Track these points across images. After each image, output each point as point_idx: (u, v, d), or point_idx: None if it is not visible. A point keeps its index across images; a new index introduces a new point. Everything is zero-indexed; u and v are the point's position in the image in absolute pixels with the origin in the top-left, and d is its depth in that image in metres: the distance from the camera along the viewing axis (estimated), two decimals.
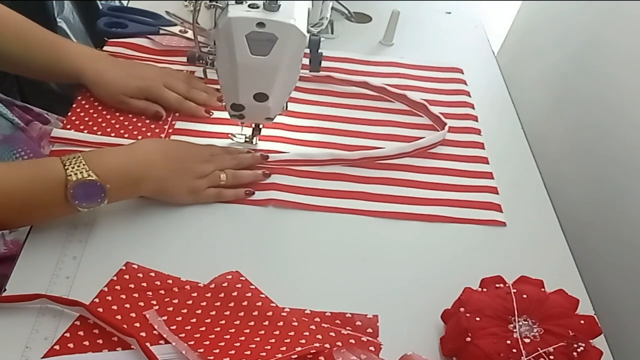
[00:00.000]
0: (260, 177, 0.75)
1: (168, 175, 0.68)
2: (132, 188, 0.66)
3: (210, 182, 0.71)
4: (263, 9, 0.63)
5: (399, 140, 0.85)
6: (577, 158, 0.97)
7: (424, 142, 0.83)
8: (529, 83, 1.17)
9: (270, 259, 0.68)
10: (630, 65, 0.87)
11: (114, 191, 0.62)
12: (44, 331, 0.57)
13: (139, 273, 0.63)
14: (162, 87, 0.82)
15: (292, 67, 0.68)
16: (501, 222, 0.75)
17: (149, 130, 0.81)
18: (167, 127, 0.81)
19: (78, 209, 0.61)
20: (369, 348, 0.59)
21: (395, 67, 0.99)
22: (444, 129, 0.86)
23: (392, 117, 0.90)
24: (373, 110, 0.90)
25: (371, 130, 0.86)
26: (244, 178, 0.74)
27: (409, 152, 0.82)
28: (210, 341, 0.57)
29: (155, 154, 0.67)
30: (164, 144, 0.72)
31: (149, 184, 0.66)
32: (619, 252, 0.83)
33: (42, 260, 0.63)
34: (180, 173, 0.69)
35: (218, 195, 0.72)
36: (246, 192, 0.73)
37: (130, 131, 0.80)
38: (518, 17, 1.28)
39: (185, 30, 0.96)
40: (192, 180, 0.70)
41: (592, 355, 0.55)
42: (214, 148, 0.75)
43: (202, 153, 0.73)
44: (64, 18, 1.19)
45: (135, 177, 0.65)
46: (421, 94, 0.93)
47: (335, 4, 1.06)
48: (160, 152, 0.68)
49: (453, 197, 0.78)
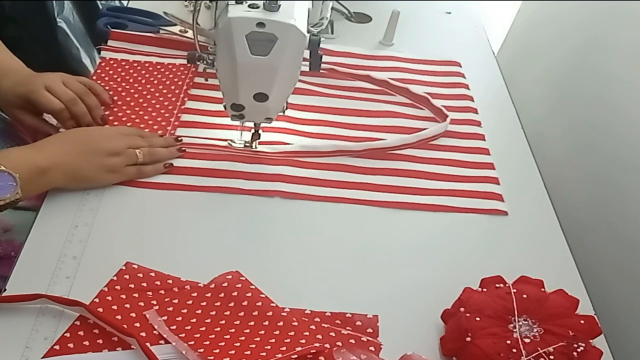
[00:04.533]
0: (175, 153, 0.76)
1: (74, 160, 0.69)
2: (41, 178, 0.66)
3: (127, 160, 0.72)
4: (263, 9, 0.63)
5: (401, 132, 0.86)
6: (577, 157, 0.97)
7: (427, 133, 0.85)
8: (529, 83, 1.17)
9: (271, 259, 0.68)
10: (630, 65, 0.87)
11: (24, 182, 0.63)
12: (44, 331, 0.57)
13: (139, 273, 0.63)
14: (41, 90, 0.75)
15: (292, 67, 0.68)
16: (503, 212, 0.77)
17: (155, 122, 0.81)
18: (173, 120, 0.82)
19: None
20: (369, 348, 0.59)
21: (395, 62, 1.00)
22: (445, 121, 0.87)
23: (394, 108, 0.91)
24: (375, 102, 0.92)
25: (373, 123, 0.88)
26: (160, 154, 0.75)
27: (412, 143, 0.84)
28: (210, 341, 0.57)
29: (58, 144, 0.69)
30: (67, 134, 0.73)
31: (57, 172, 0.67)
32: (619, 252, 0.82)
33: (42, 260, 0.63)
34: (88, 155, 0.69)
35: (138, 172, 0.73)
36: (165, 166, 0.74)
37: (137, 125, 0.81)
38: (518, 17, 1.28)
39: (185, 30, 0.96)
40: (104, 158, 0.70)
41: (592, 355, 0.55)
42: (123, 127, 0.76)
43: (108, 132, 0.74)
44: (64, 18, 1.19)
45: (41, 167, 0.65)
46: (421, 87, 0.95)
47: (335, 4, 1.06)
48: (62, 140, 0.69)
49: (455, 187, 0.79)
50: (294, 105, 0.86)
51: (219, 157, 0.78)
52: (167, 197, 0.73)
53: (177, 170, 0.75)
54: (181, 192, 0.73)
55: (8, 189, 0.62)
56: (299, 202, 0.75)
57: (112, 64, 0.90)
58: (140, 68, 0.90)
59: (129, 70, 0.90)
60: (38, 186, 0.66)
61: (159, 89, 0.87)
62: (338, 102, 0.91)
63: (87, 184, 0.71)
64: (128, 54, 0.93)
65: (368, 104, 0.91)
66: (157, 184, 0.74)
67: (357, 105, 0.91)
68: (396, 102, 0.92)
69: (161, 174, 0.75)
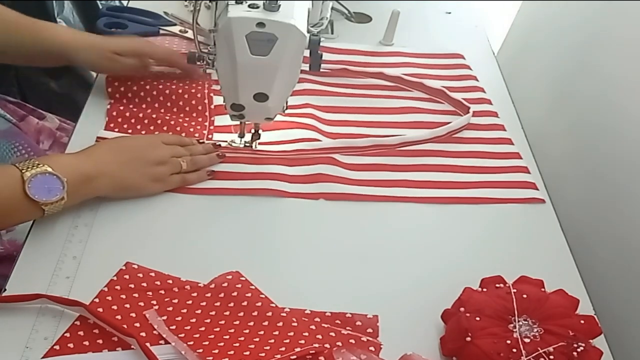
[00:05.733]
0: (215, 159, 0.77)
1: (121, 169, 0.69)
2: (88, 185, 0.66)
3: (172, 169, 0.73)
4: (263, 9, 0.63)
5: (421, 127, 0.86)
6: (577, 157, 0.97)
7: (455, 125, 0.85)
8: (529, 83, 1.17)
9: (271, 259, 0.68)
10: (630, 64, 0.87)
11: (71, 187, 0.63)
12: (44, 331, 0.57)
13: (139, 273, 0.63)
14: (153, 44, 0.83)
15: (292, 67, 0.68)
16: (540, 200, 0.77)
17: (190, 126, 0.81)
18: (208, 124, 0.83)
19: (41, 207, 0.61)
20: (369, 348, 0.59)
21: (400, 57, 1.01)
22: (466, 112, 0.87)
23: (410, 103, 0.91)
24: (391, 98, 0.92)
25: (391, 119, 0.88)
26: (202, 162, 0.76)
27: (441, 136, 0.85)
28: (210, 341, 0.57)
29: (107, 152, 0.69)
30: (113, 141, 0.73)
31: (103, 180, 0.67)
32: (619, 252, 0.82)
33: (42, 260, 0.63)
34: (134, 164, 0.70)
35: (183, 181, 0.74)
36: (208, 173, 0.75)
37: (172, 127, 0.80)
38: (518, 17, 1.28)
39: (185, 30, 0.96)
40: (151, 167, 0.71)
41: (592, 355, 0.55)
42: (166, 136, 0.77)
43: (152, 140, 0.74)
44: (64, 18, 1.19)
45: (88, 174, 0.65)
46: (433, 81, 0.95)
47: (335, 4, 1.06)
48: (110, 149, 0.70)
49: (488, 179, 0.80)
50: (313, 105, 0.87)
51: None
52: (167, 197, 0.73)
53: None
54: (181, 193, 0.73)
55: (55, 192, 0.62)
56: (299, 201, 0.75)
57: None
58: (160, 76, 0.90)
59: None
60: (84, 193, 0.66)
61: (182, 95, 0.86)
62: (354, 101, 0.91)
63: (132, 193, 0.71)
64: None
65: (384, 100, 0.91)
66: None
67: (373, 103, 0.91)
68: (411, 97, 0.92)
69: None
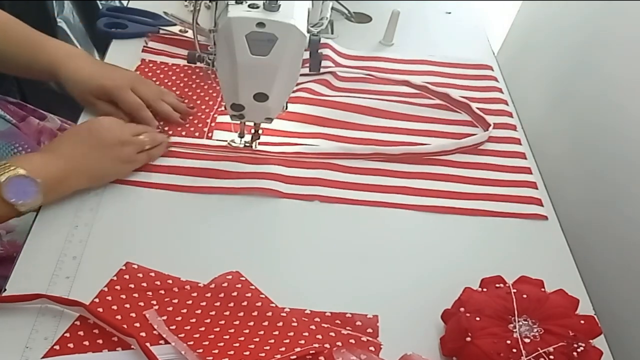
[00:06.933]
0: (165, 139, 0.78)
1: (92, 160, 0.69)
2: (63, 184, 0.67)
3: (138, 148, 0.73)
4: (263, 9, 0.63)
5: (438, 136, 0.87)
6: (577, 157, 0.97)
7: (468, 142, 0.85)
8: (529, 82, 1.17)
9: (271, 259, 0.68)
10: (630, 64, 0.87)
11: (46, 187, 0.63)
12: (44, 331, 0.57)
13: (139, 273, 0.63)
14: (128, 90, 0.80)
15: (292, 67, 0.68)
16: (543, 216, 0.77)
17: (191, 125, 0.82)
18: (210, 121, 0.83)
19: (17, 208, 0.62)
20: (369, 348, 0.59)
21: (427, 65, 1.00)
22: (488, 130, 0.87)
23: (430, 112, 0.91)
24: (412, 105, 0.92)
25: (408, 127, 0.88)
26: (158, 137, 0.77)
27: (451, 150, 0.84)
28: (210, 341, 0.57)
29: (72, 146, 0.69)
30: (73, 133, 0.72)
31: (77, 175, 0.68)
32: (619, 252, 0.82)
33: (42, 260, 0.63)
34: (102, 151, 0.70)
35: (149, 157, 0.75)
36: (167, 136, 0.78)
37: (173, 127, 0.82)
38: (518, 17, 1.28)
39: (185, 30, 0.96)
40: (118, 150, 0.71)
41: (592, 355, 0.56)
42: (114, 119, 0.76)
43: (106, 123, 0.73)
44: (64, 18, 1.19)
45: (61, 174, 0.66)
46: (457, 90, 0.94)
47: (335, 4, 1.06)
48: (74, 142, 0.70)
49: (494, 191, 0.79)
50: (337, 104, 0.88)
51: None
52: (167, 197, 0.73)
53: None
54: (181, 192, 0.73)
55: (29, 194, 0.63)
56: (299, 202, 0.75)
57: (152, 66, 0.91)
58: (179, 71, 0.91)
59: (167, 72, 0.90)
60: (60, 191, 0.68)
61: (197, 92, 0.88)
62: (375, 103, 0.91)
63: (107, 180, 0.72)
64: (167, 57, 0.93)
65: (405, 107, 0.91)
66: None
67: (395, 109, 0.90)
68: (432, 106, 0.92)
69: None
